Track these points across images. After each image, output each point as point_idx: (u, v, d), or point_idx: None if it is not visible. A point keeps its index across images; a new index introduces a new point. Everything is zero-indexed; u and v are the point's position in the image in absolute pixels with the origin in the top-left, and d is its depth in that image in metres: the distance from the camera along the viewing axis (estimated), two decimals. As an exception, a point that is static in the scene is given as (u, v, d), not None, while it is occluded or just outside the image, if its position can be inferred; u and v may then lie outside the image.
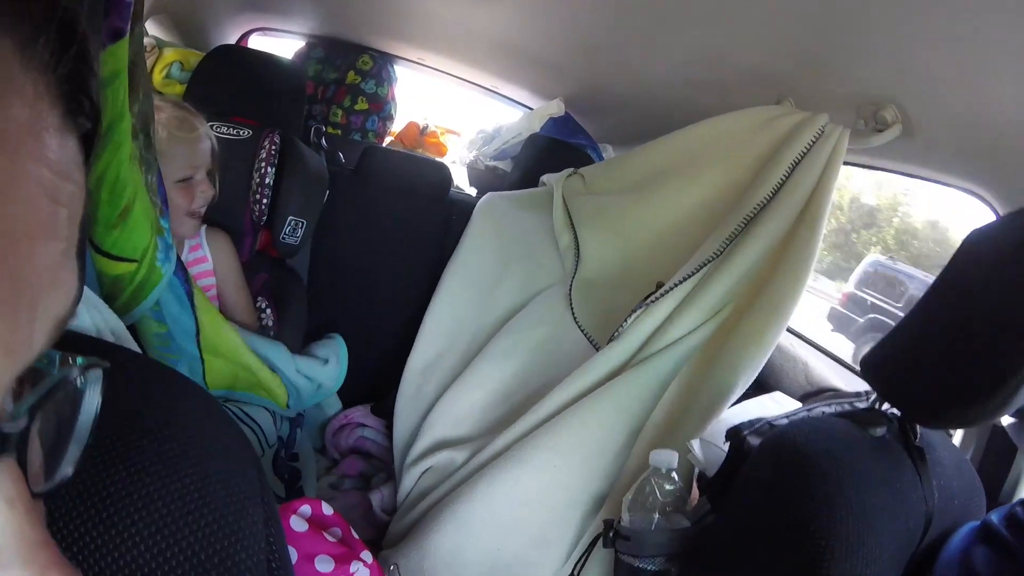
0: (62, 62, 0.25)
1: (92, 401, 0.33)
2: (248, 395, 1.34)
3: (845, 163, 1.24)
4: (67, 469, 0.32)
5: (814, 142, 1.23)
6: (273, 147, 1.51)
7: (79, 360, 0.32)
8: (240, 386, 1.31)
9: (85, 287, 0.80)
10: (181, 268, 1.14)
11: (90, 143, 0.29)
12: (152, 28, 2.09)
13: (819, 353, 1.53)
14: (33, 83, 0.23)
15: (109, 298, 0.98)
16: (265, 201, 1.50)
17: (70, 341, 0.31)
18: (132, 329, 1.08)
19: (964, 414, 0.73)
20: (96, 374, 0.33)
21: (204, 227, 1.40)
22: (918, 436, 0.84)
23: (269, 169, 1.50)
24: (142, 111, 0.91)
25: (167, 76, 2.00)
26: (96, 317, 0.82)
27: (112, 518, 0.47)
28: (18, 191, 0.23)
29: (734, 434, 0.96)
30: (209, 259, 1.41)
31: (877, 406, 0.89)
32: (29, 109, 0.23)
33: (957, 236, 2.52)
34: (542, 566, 1.17)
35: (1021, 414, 0.98)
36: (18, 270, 0.23)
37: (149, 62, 1.99)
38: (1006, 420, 1.07)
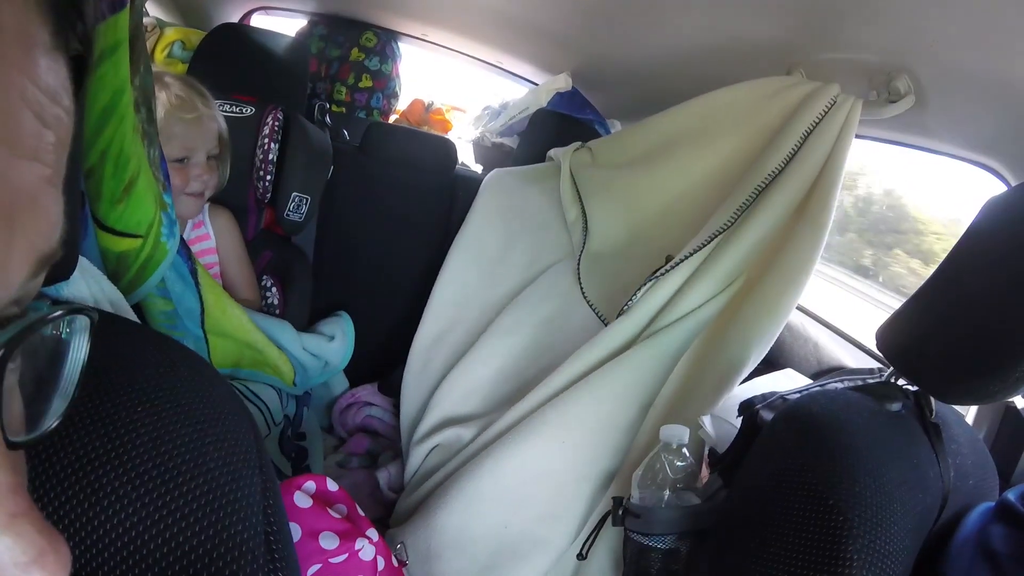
0: None
1: (79, 352, 0.31)
2: (254, 373, 1.33)
3: (857, 136, 1.20)
4: (50, 421, 0.30)
5: (826, 112, 1.20)
6: (276, 123, 1.49)
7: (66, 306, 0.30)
8: (245, 364, 1.30)
9: (82, 258, 0.78)
10: (184, 246, 1.12)
11: (81, 70, 0.27)
12: (153, 8, 2.07)
13: (830, 332, 1.51)
14: None
15: (115, 276, 0.97)
16: (269, 178, 1.49)
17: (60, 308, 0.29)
18: (138, 308, 1.07)
19: (983, 388, 0.71)
20: (83, 322, 0.31)
21: (207, 204, 1.39)
22: (934, 412, 0.82)
23: (272, 145, 1.49)
24: (143, 85, 0.89)
25: (169, 55, 1.99)
26: (94, 287, 0.81)
27: (101, 479, 0.45)
28: (2, 100, 0.22)
29: (747, 408, 0.94)
30: (212, 236, 1.39)
31: (892, 380, 0.87)
32: (17, 18, 0.22)
33: (910, 203, 2.47)
34: (550, 543, 1.15)
35: None
36: None
37: (150, 42, 1.97)
38: (1020, 401, 1.06)
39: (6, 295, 0.24)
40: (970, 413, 1.12)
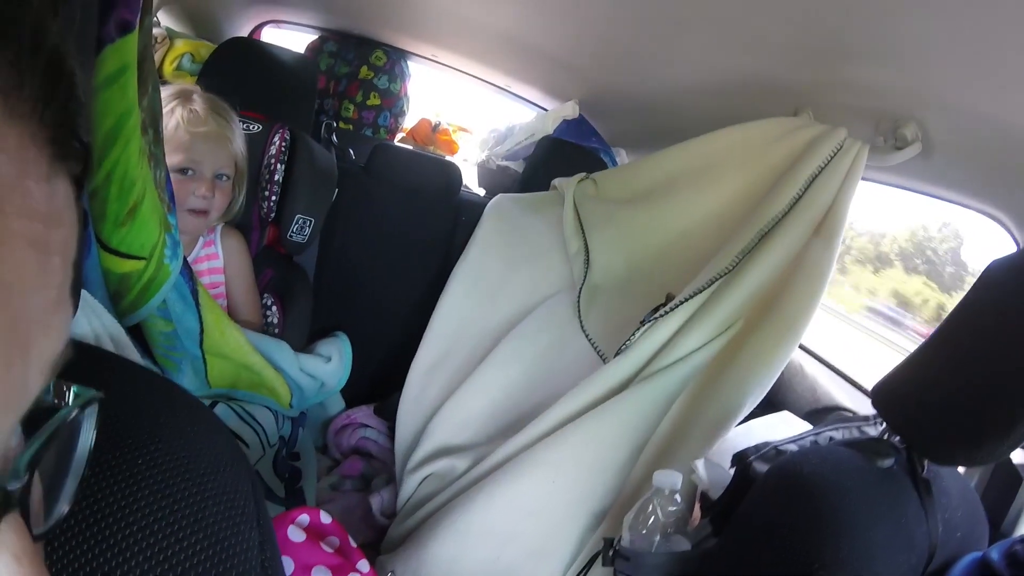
0: (49, 105, 0.23)
1: (88, 433, 0.32)
2: (251, 395, 1.33)
3: (862, 179, 1.21)
4: (63, 507, 0.31)
5: (832, 157, 1.20)
6: (283, 143, 1.50)
7: (74, 389, 0.31)
8: (242, 385, 1.31)
9: (84, 292, 0.79)
10: (186, 267, 1.13)
11: (82, 178, 0.27)
12: (164, 18, 2.08)
13: (827, 370, 1.51)
14: (18, 134, 0.22)
15: (116, 296, 0.97)
16: (274, 198, 1.49)
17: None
18: (137, 328, 1.08)
19: (975, 454, 0.71)
20: (92, 409, 0.32)
21: (220, 225, 1.39)
22: (925, 468, 0.82)
23: (279, 165, 1.49)
24: (151, 105, 0.89)
25: (178, 67, 1.99)
26: (95, 323, 0.81)
27: (104, 532, 0.45)
28: (5, 251, 0.22)
29: (740, 459, 0.94)
30: (220, 257, 1.40)
31: (886, 436, 0.87)
32: (13, 162, 0.22)
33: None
34: None
35: None
36: (10, 324, 0.22)
37: (160, 53, 1.98)
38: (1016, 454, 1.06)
39: (26, 408, 0.25)
40: (961, 466, 1.12)
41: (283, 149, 1.50)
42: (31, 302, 0.23)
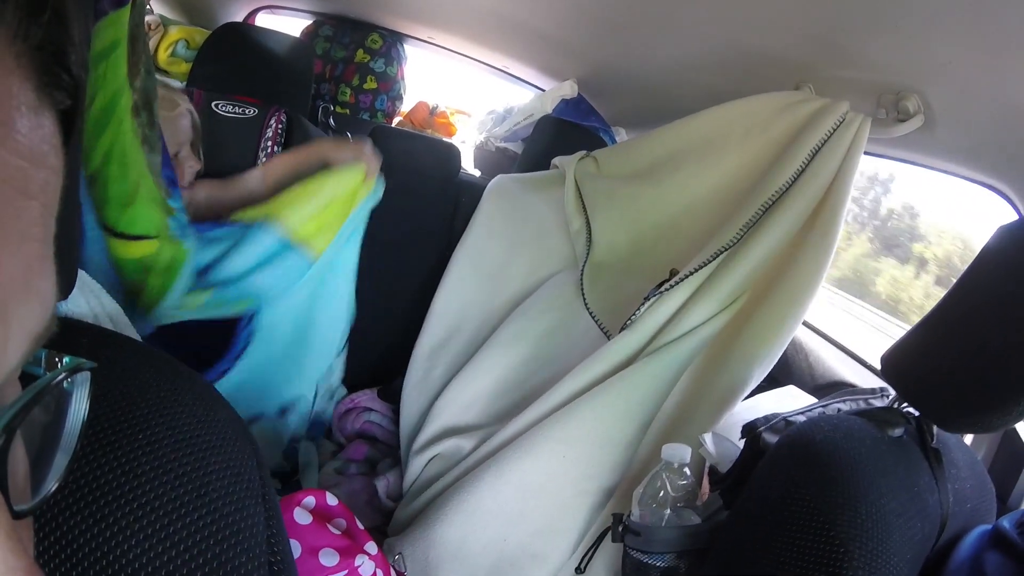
0: (34, 28, 0.21)
1: (79, 406, 0.30)
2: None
3: (865, 153, 1.20)
4: (51, 484, 0.29)
5: (834, 130, 1.19)
6: (280, 126, 1.49)
7: (66, 360, 0.29)
8: None
9: (81, 272, 0.77)
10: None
11: (71, 122, 0.26)
12: (157, 6, 2.06)
13: (831, 346, 1.51)
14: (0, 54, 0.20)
15: (135, 290, 0.96)
16: None
17: (62, 328, 0.28)
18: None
19: (986, 419, 0.71)
20: (83, 376, 0.30)
21: None
22: (935, 437, 0.82)
23: (276, 148, 1.48)
24: (144, 88, 0.88)
25: (172, 54, 1.98)
26: (93, 302, 0.80)
27: (102, 511, 0.44)
28: None
29: (749, 430, 0.94)
30: None
31: (896, 405, 0.86)
32: None
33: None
34: (548, 557, 1.15)
35: None
36: None
37: (154, 40, 1.97)
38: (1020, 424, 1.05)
39: (2, 379, 0.23)
40: (969, 435, 1.11)
41: (279, 132, 1.49)
42: (9, 254, 0.22)
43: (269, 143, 1.48)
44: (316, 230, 1.23)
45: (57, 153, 0.24)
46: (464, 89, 2.85)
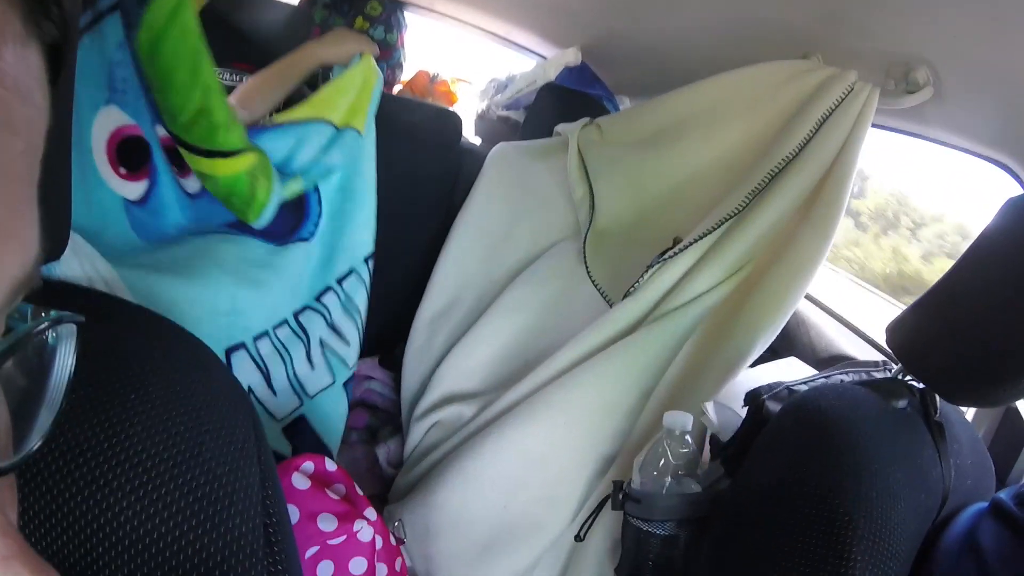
0: None
1: (65, 360, 0.29)
2: None
3: (872, 126, 1.19)
4: (34, 441, 0.28)
5: (842, 99, 1.17)
6: (280, 92, 1.46)
7: (52, 313, 0.28)
8: None
9: (75, 235, 0.77)
10: None
11: (59, 56, 0.24)
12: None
13: (834, 320, 1.50)
14: None
15: (246, 202, 1.05)
16: None
17: (50, 289, 0.27)
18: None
19: (991, 392, 0.71)
20: (69, 328, 0.29)
21: None
22: (938, 411, 0.81)
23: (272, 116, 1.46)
24: None
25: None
26: (87, 266, 0.79)
27: (93, 472, 0.44)
28: None
29: (753, 398, 0.93)
30: None
31: (900, 377, 0.86)
32: None
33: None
34: (549, 524, 1.15)
35: None
36: None
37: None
38: (1021, 403, 1.05)
39: None
40: (970, 411, 1.11)
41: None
42: None
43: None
44: (354, 113, 1.37)
45: (43, 91, 0.23)
46: (465, 57, 2.81)
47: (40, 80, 0.23)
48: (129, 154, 0.95)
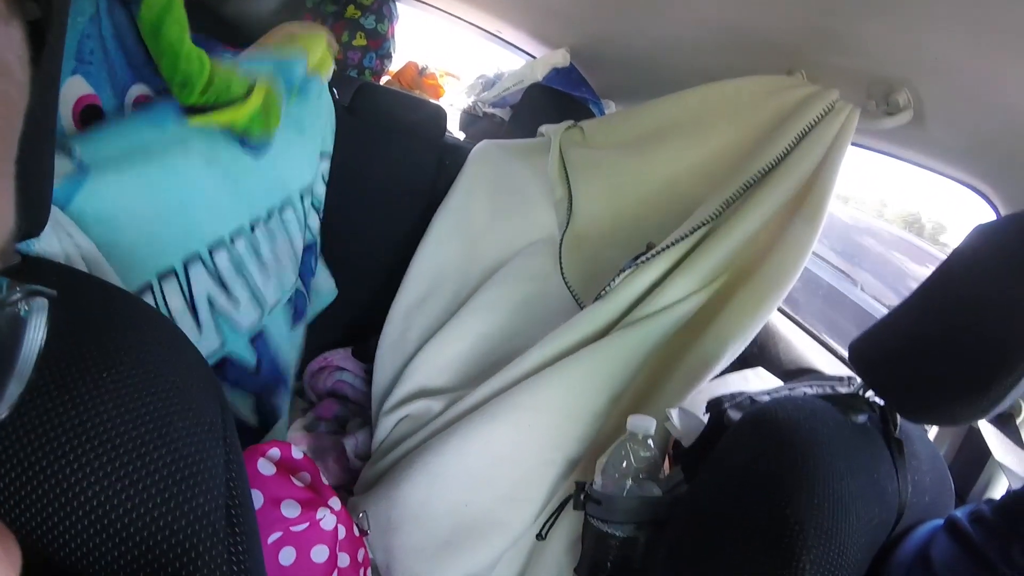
0: None
1: (35, 334, 0.29)
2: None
3: (852, 144, 1.20)
4: (3, 408, 0.28)
5: (822, 116, 1.19)
6: (268, 78, 1.46)
7: (26, 287, 0.28)
8: None
9: (56, 210, 0.77)
10: None
11: (40, 37, 0.24)
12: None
13: (801, 332, 1.52)
14: None
15: (266, 131, 1.19)
16: None
17: (27, 265, 0.27)
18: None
19: (950, 412, 0.71)
20: (40, 303, 0.29)
21: None
22: (898, 428, 0.83)
23: None
24: None
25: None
26: (66, 242, 0.78)
27: (64, 447, 0.44)
28: None
29: (714, 406, 0.94)
30: None
31: (861, 393, 0.88)
32: None
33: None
34: (510, 524, 1.16)
35: (999, 419, 0.97)
36: None
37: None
38: (983, 423, 1.07)
39: None
40: (932, 430, 1.13)
41: (266, 83, 1.46)
42: None
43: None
44: (321, 65, 1.46)
45: (24, 67, 0.23)
46: (455, 51, 2.82)
47: (21, 57, 0.23)
48: (89, 122, 0.96)
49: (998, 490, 1.05)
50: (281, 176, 1.34)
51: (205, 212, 1.09)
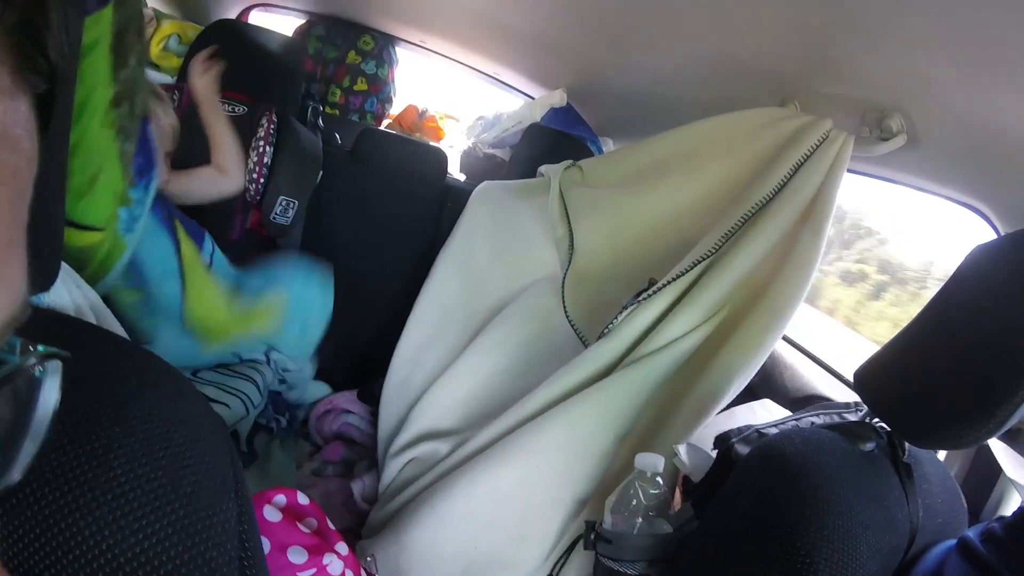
0: (9, 10, 0.21)
1: (50, 395, 0.30)
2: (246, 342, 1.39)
3: (848, 171, 1.21)
4: (14, 475, 0.29)
5: (817, 146, 1.20)
6: (271, 125, 1.49)
7: (39, 348, 0.29)
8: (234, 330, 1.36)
9: (65, 264, 0.78)
10: (170, 231, 1.17)
11: (48, 107, 0.25)
12: (152, 0, 2.05)
13: (809, 360, 1.52)
14: None
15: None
16: (261, 180, 1.48)
17: (39, 319, 0.28)
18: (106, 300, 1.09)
19: (956, 436, 0.71)
20: (55, 365, 0.30)
21: None
22: (906, 452, 0.82)
23: (268, 148, 1.48)
24: (132, 78, 0.89)
25: (164, 48, 1.98)
26: (75, 294, 0.80)
27: (76, 501, 0.44)
28: None
29: (722, 441, 0.94)
30: None
31: (868, 420, 0.87)
32: None
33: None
34: (519, 565, 1.15)
35: (1008, 435, 0.97)
36: None
37: (147, 34, 1.96)
38: (993, 439, 1.06)
39: None
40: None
41: (271, 132, 1.49)
42: None
43: (261, 143, 1.48)
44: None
45: (32, 139, 0.24)
46: (454, 94, 2.86)
47: (29, 130, 0.24)
48: None
49: (1011, 506, 1.05)
50: None
51: None
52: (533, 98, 2.31)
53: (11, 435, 0.29)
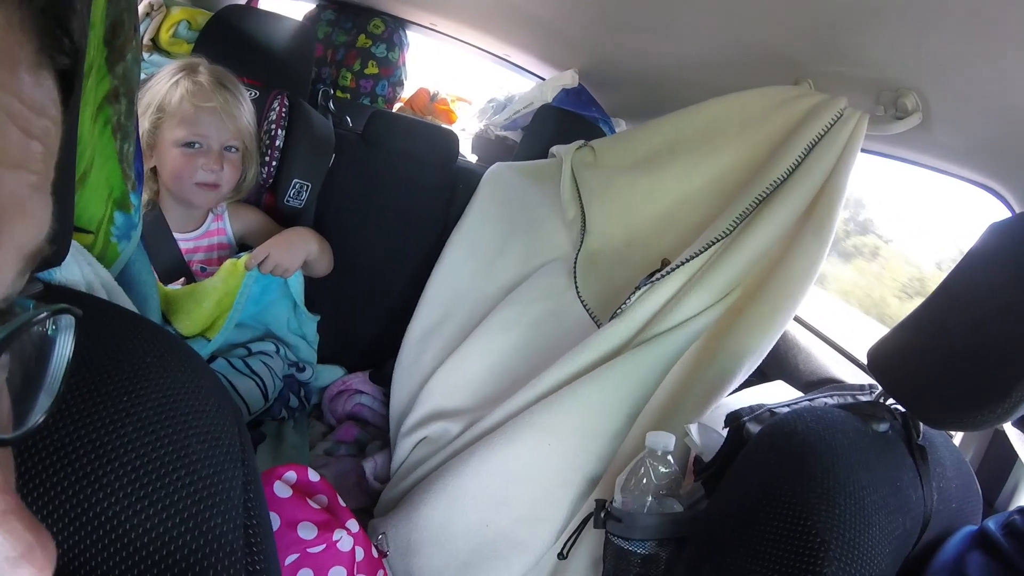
0: None
1: (64, 349, 0.32)
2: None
3: (862, 151, 1.19)
4: (36, 417, 0.31)
5: (832, 125, 1.18)
6: (283, 109, 1.49)
7: (53, 306, 0.31)
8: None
9: (75, 242, 0.78)
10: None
11: (70, 81, 0.28)
12: (160, -13, 2.05)
13: (822, 342, 1.50)
14: (5, 15, 0.23)
15: None
16: (274, 164, 1.49)
17: (53, 293, 0.30)
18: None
19: (972, 417, 0.70)
20: (68, 320, 0.32)
21: (227, 203, 1.43)
22: (921, 434, 0.82)
23: (279, 131, 1.49)
24: (126, 75, 0.87)
25: (174, 35, 1.98)
26: (87, 271, 0.80)
27: (85, 468, 0.46)
28: None
29: (734, 419, 0.94)
30: (228, 233, 1.43)
31: (882, 400, 0.86)
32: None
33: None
34: (530, 545, 1.15)
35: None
36: None
37: (156, 20, 1.96)
38: (1008, 426, 1.05)
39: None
40: (957, 435, 1.11)
41: (283, 115, 1.49)
42: (8, 177, 0.24)
43: (273, 126, 1.48)
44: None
45: (57, 107, 0.27)
46: (465, 76, 2.85)
47: (54, 98, 0.27)
48: None
49: (1027, 494, 1.04)
50: None
51: None
52: (544, 79, 2.29)
53: (26, 387, 0.31)
